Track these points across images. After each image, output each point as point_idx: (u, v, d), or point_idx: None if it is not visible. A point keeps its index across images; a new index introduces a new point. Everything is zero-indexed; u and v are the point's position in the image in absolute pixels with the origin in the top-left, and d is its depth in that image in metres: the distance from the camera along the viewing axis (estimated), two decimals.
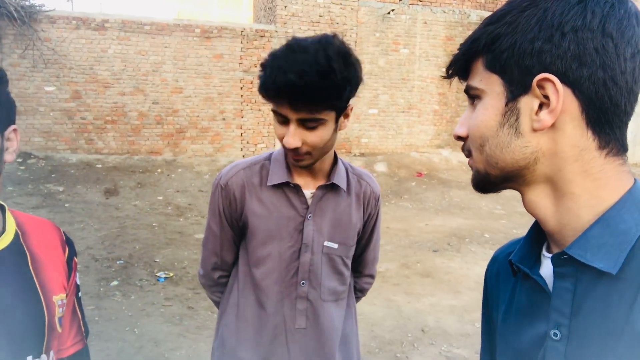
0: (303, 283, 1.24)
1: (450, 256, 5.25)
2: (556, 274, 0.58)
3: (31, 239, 0.94)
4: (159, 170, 8.27)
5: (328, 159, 1.24)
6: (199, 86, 8.83)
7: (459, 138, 0.65)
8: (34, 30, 7.87)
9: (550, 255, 0.62)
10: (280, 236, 1.22)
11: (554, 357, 0.57)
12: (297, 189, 1.22)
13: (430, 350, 3.24)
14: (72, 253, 1.02)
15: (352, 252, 1.32)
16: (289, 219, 1.22)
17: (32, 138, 8.13)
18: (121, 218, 6.16)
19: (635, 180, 0.58)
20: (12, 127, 0.90)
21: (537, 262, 0.65)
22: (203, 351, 3.11)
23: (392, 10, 9.70)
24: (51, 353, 0.92)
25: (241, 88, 9.04)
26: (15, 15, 7.59)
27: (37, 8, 7.90)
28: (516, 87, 0.57)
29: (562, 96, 0.54)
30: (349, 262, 1.32)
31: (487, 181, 0.62)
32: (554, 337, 0.57)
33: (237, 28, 9.00)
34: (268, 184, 1.22)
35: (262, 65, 1.09)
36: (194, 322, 3.51)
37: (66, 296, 0.96)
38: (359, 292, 1.47)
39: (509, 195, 8.63)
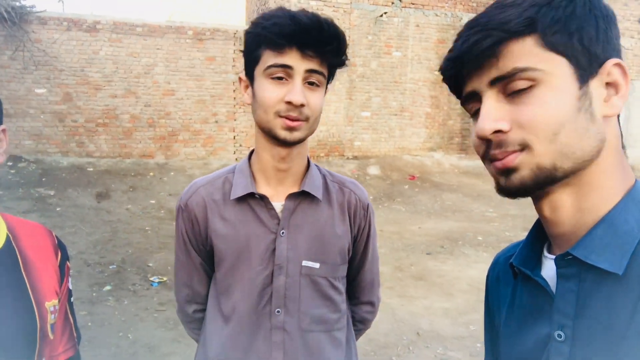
0: (278, 311, 1.06)
1: (443, 259, 5.27)
2: (559, 275, 0.58)
3: (23, 242, 0.92)
4: (151, 173, 8.22)
5: (302, 162, 1.10)
6: (191, 89, 8.80)
7: (496, 133, 0.57)
8: (25, 31, 7.79)
9: (552, 256, 0.62)
10: (250, 258, 1.06)
11: (558, 359, 0.57)
12: (265, 201, 1.06)
13: (425, 353, 3.25)
14: (65, 257, 1.00)
15: (341, 272, 1.13)
16: (258, 237, 1.06)
17: (22, 141, 8.04)
18: (113, 222, 6.11)
19: (635, 180, 0.59)
20: (1, 127, 0.88)
21: (538, 264, 0.65)
22: None
23: (385, 13, 9.74)
24: None
25: (234, 91, 9.02)
26: (6, 16, 7.51)
27: (28, 9, 7.82)
28: (585, 71, 0.56)
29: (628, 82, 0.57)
30: (340, 285, 1.14)
31: (551, 178, 0.56)
32: (558, 339, 0.57)
33: (229, 30, 8.99)
34: (231, 197, 1.07)
35: (263, 17, 0.99)
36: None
37: (58, 302, 0.95)
38: (360, 323, 1.27)
39: (500, 198, 8.68)
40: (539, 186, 0.57)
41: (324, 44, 0.96)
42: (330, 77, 1.04)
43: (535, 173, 0.56)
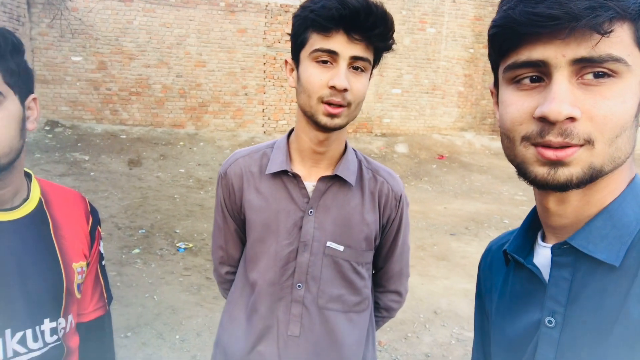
0: (299, 286, 1.09)
1: (467, 240, 5.23)
2: (554, 263, 0.59)
3: (54, 207, 0.97)
4: (181, 143, 8.37)
5: (339, 145, 1.10)
6: (222, 60, 8.83)
7: (568, 119, 0.51)
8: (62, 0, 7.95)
9: (546, 245, 0.62)
10: (278, 232, 1.09)
11: (547, 344, 0.58)
12: (297, 180, 1.09)
13: (442, 331, 3.27)
14: (96, 222, 1.05)
15: (365, 259, 1.14)
16: (288, 213, 1.09)
17: (59, 107, 8.30)
18: (144, 189, 6.30)
19: (636, 174, 0.59)
20: (32, 96, 0.92)
21: (531, 252, 0.65)
22: (219, 320, 3.20)
23: None
24: (70, 317, 0.95)
25: (264, 64, 9.01)
26: None
27: None
28: None
29: None
30: (364, 271, 1.14)
31: (595, 179, 0.53)
32: (549, 325, 0.58)
33: (261, 2, 8.92)
34: (267, 172, 1.10)
35: (312, 0, 0.98)
36: (211, 292, 3.61)
37: (87, 264, 1.00)
38: (384, 310, 1.28)
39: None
40: (579, 186, 0.53)
41: (371, 28, 0.95)
42: (376, 61, 1.03)
43: (585, 173, 0.52)
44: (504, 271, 0.70)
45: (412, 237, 5.22)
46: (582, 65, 0.51)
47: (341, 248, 1.10)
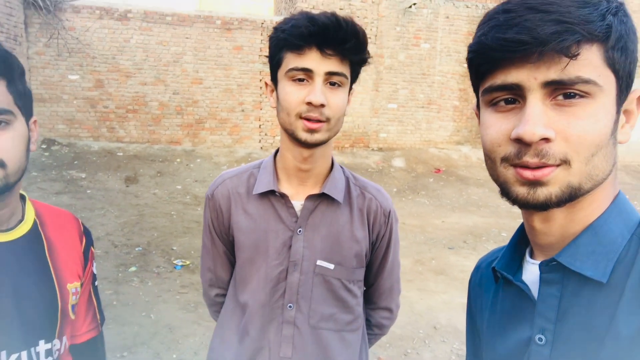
0: (290, 306, 1.09)
1: (465, 254, 5.22)
2: (543, 280, 0.59)
3: (49, 227, 0.97)
4: (178, 159, 8.38)
5: (325, 164, 1.10)
6: (218, 77, 8.89)
7: (543, 140, 0.52)
8: (59, 19, 8.01)
9: (534, 261, 0.63)
10: (267, 253, 1.09)
11: None
12: (285, 199, 1.09)
13: (442, 347, 3.23)
14: (90, 243, 1.05)
15: (357, 276, 1.14)
16: (277, 233, 1.08)
17: (56, 125, 8.31)
18: (140, 206, 6.27)
19: (619, 191, 0.60)
20: (33, 118, 0.94)
21: (520, 269, 0.66)
22: None
23: (414, 4, 9.59)
24: (64, 339, 0.95)
25: (260, 80, 9.07)
26: (41, 4, 7.74)
27: None
28: (622, 94, 0.54)
29: None
30: (355, 289, 1.14)
31: (574, 197, 0.54)
32: (539, 342, 0.58)
33: (257, 20, 9.02)
34: (254, 192, 1.10)
35: (284, 21, 1.01)
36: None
37: (81, 285, 0.99)
38: (376, 327, 1.27)
39: None
40: (559, 204, 0.54)
41: (343, 42, 0.96)
42: (353, 75, 1.05)
43: (564, 192, 0.53)
44: (494, 288, 0.70)
45: (410, 251, 5.20)
46: (553, 87, 0.52)
47: (331, 266, 1.09)
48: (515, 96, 0.55)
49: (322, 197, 1.10)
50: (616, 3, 0.53)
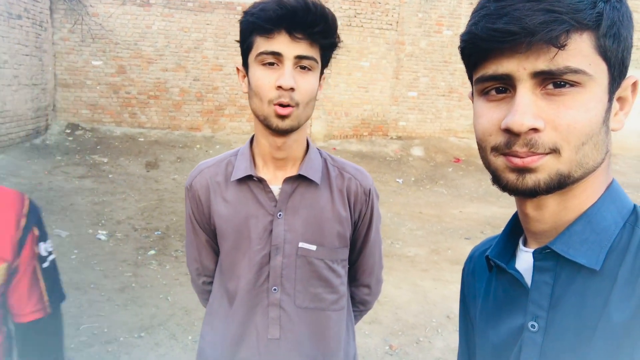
0: (275, 289, 1.10)
1: None
2: (536, 268, 0.59)
3: None
4: (197, 145, 8.47)
5: (299, 147, 1.10)
6: (238, 64, 8.90)
7: (532, 130, 0.52)
8: (83, 5, 8.12)
9: (528, 249, 0.63)
10: (249, 238, 1.10)
11: (530, 348, 0.58)
12: (263, 184, 1.09)
13: (454, 336, 3.23)
14: (32, 223, 1.01)
15: (340, 256, 1.15)
16: (257, 218, 1.09)
17: (80, 110, 8.48)
18: (160, 191, 6.39)
19: (613, 179, 0.60)
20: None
21: (513, 257, 0.66)
22: None
23: None
24: None
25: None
26: None
27: None
28: (615, 82, 0.54)
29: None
30: (339, 268, 1.15)
31: (563, 184, 0.54)
32: (532, 329, 0.58)
33: None
34: (232, 179, 1.11)
35: (254, 5, 1.00)
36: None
37: (8, 266, 0.97)
38: (360, 304, 1.30)
39: None
40: (549, 191, 0.54)
41: (312, 26, 0.97)
42: (324, 60, 1.05)
43: (552, 179, 0.53)
44: (487, 277, 0.71)
45: (426, 240, 5.18)
46: (543, 77, 0.52)
47: (314, 247, 1.11)
48: (506, 85, 0.55)
49: (300, 180, 1.10)
50: None
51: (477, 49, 0.55)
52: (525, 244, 0.65)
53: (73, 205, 5.44)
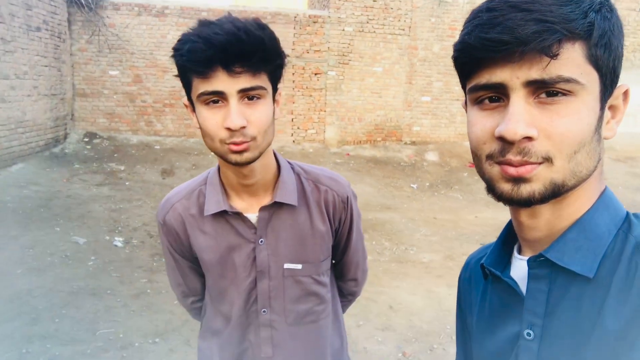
0: (264, 311, 1.11)
1: None
2: (531, 276, 0.59)
3: None
4: (212, 153, 8.54)
5: (269, 172, 1.07)
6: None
7: (524, 138, 0.52)
8: (100, 16, 8.30)
9: (522, 257, 0.63)
10: (234, 267, 1.09)
11: (526, 356, 0.58)
12: (240, 215, 1.07)
13: None
14: None
15: (324, 267, 1.15)
16: (240, 247, 1.08)
17: (97, 119, 8.64)
18: None
19: (606, 186, 0.60)
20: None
21: (508, 265, 0.66)
22: None
23: None
24: None
25: (293, 74, 9.12)
26: (84, 2, 8.04)
27: None
28: (607, 91, 0.55)
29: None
30: (325, 279, 1.16)
31: (558, 194, 0.54)
32: (527, 337, 0.58)
33: (290, 14, 9.05)
34: (205, 214, 1.07)
35: (180, 42, 0.92)
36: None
37: None
38: (349, 295, 1.34)
39: None
40: (543, 201, 0.54)
41: (249, 56, 0.88)
42: (274, 81, 0.99)
43: (547, 188, 0.53)
44: (483, 285, 0.71)
45: (441, 246, 5.14)
46: (536, 86, 0.52)
47: (299, 266, 1.11)
48: (499, 95, 0.55)
49: (276, 205, 1.08)
50: None
51: (470, 58, 0.55)
52: (519, 251, 0.65)
53: (90, 212, 5.53)
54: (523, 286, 0.61)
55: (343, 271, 1.28)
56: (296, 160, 1.23)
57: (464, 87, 0.62)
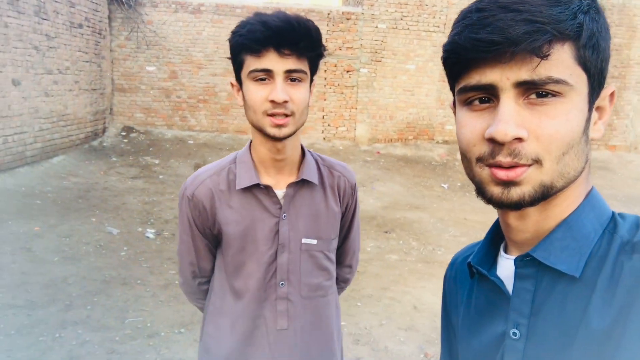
0: (282, 284, 1.20)
1: None
2: (517, 275, 0.59)
3: None
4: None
5: (297, 152, 1.20)
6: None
7: (516, 140, 0.52)
8: (139, 13, 8.54)
9: (509, 256, 0.63)
10: (256, 240, 1.18)
11: (512, 356, 0.58)
12: (268, 190, 1.17)
13: None
14: None
15: (334, 245, 1.28)
16: (263, 222, 1.18)
17: (134, 114, 8.90)
18: None
19: (592, 186, 0.60)
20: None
21: (494, 264, 0.66)
22: None
23: None
24: None
25: (325, 71, 9.12)
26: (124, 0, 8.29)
27: None
28: (594, 92, 0.55)
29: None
30: (333, 256, 1.28)
31: (547, 195, 0.54)
32: (513, 337, 0.58)
33: (323, 11, 9.05)
34: (237, 187, 1.17)
35: (239, 25, 1.08)
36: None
37: None
38: (342, 282, 1.44)
39: (607, 193, 7.91)
40: (533, 203, 0.54)
41: (297, 42, 1.04)
42: (312, 69, 1.13)
43: (537, 191, 0.53)
44: (469, 284, 0.70)
45: None
46: (525, 87, 0.52)
47: (315, 241, 1.22)
48: (489, 95, 0.55)
49: (300, 183, 1.20)
50: (588, 0, 0.52)
51: (460, 58, 0.55)
52: (506, 250, 0.65)
53: (125, 204, 5.72)
54: (509, 285, 0.61)
55: (341, 257, 1.40)
56: None
57: (452, 88, 0.61)
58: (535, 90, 0.52)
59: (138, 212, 5.48)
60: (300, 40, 1.04)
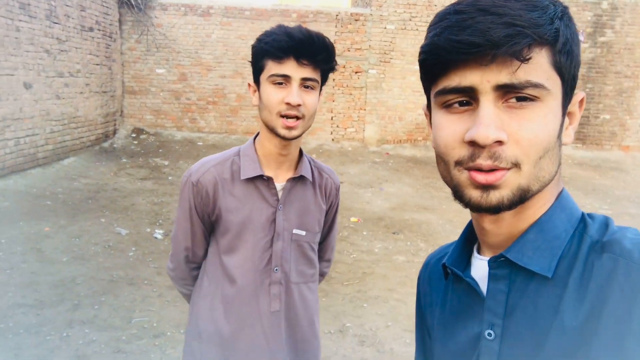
0: (277, 269, 1.31)
1: None
2: (491, 276, 0.59)
3: None
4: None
5: (297, 150, 1.32)
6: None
7: (496, 143, 0.51)
8: (149, 17, 8.62)
9: (482, 257, 0.63)
10: (254, 227, 1.29)
11: (488, 357, 0.58)
12: (269, 182, 1.29)
13: None
14: None
15: (317, 238, 1.41)
16: (261, 211, 1.29)
17: (144, 116, 8.98)
18: None
19: (563, 188, 0.60)
20: None
21: (468, 265, 0.66)
22: None
23: None
24: None
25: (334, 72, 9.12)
26: (134, 2, 8.38)
27: None
28: (567, 97, 0.56)
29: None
30: (316, 248, 1.42)
31: (524, 199, 0.54)
32: (488, 337, 0.58)
33: (332, 12, 9.06)
34: (242, 177, 1.27)
35: (265, 34, 1.21)
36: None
37: None
38: (321, 275, 1.56)
39: (620, 194, 7.79)
40: (511, 207, 0.54)
41: (315, 54, 1.18)
42: (323, 80, 1.26)
43: (515, 194, 0.53)
44: (444, 285, 0.70)
45: None
46: (505, 90, 0.52)
47: (303, 233, 1.35)
48: (469, 98, 0.54)
49: (297, 179, 1.33)
50: (561, 7, 0.53)
51: (439, 60, 0.54)
52: (479, 251, 0.65)
53: (134, 205, 5.76)
54: (483, 286, 0.61)
55: (321, 252, 1.52)
56: (335, 158, 1.48)
57: (427, 90, 0.61)
58: (514, 94, 0.52)
59: (147, 213, 5.52)
60: (318, 53, 1.18)
